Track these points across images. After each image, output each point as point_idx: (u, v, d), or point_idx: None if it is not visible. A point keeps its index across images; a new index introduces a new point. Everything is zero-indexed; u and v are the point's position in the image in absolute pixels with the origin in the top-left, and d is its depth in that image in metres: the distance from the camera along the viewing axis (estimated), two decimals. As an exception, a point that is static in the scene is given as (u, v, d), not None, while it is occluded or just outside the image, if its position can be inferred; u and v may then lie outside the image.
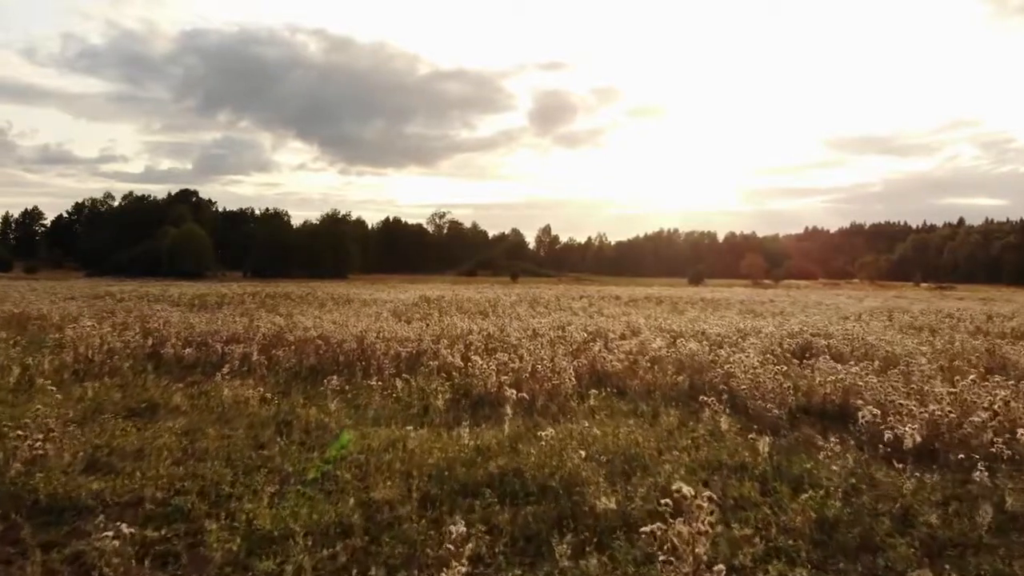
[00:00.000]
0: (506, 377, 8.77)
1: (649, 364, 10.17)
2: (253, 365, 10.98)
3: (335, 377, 10.02)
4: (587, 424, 6.98)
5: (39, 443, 5.71)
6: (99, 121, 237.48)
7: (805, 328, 16.08)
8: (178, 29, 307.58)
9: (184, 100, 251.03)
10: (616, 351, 11.47)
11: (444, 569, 3.65)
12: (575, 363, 10.47)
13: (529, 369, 9.61)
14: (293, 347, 12.11)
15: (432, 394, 8.58)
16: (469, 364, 9.59)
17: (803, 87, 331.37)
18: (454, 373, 9.73)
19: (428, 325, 14.66)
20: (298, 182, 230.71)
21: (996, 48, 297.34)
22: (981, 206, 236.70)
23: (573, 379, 9.03)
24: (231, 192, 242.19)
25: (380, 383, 9.00)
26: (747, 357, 10.54)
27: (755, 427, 7.33)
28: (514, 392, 7.43)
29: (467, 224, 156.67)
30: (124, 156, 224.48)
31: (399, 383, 8.95)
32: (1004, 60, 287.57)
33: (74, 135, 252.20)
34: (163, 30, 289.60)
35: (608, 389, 9.32)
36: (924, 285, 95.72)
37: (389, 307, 21.78)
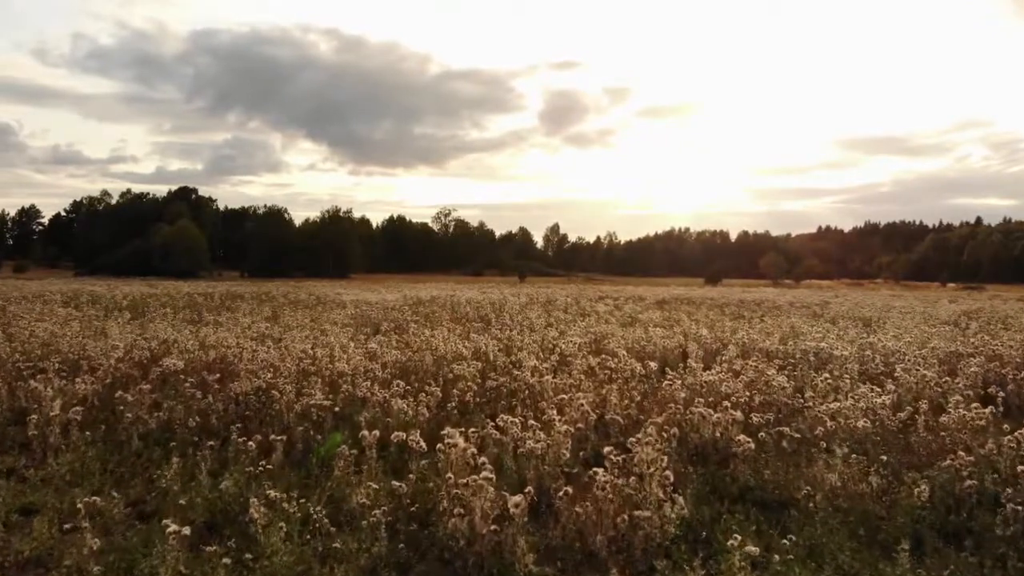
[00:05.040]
0: (518, 504, 3.59)
1: (816, 443, 4.97)
2: (53, 423, 5.93)
3: (174, 459, 4.97)
4: None
5: None
6: (109, 122, 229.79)
7: (958, 347, 10.88)
8: (188, 29, 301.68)
9: (194, 100, 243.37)
10: (709, 395, 6.35)
11: None
12: (650, 423, 5.37)
13: (566, 455, 4.50)
14: (151, 386, 7.00)
15: (343, 543, 3.46)
16: (442, 442, 4.43)
17: (814, 87, 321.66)
18: (407, 467, 4.59)
19: (388, 346, 9.41)
20: (308, 183, 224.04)
21: (1010, 48, 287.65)
22: (992, 206, 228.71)
23: (671, 492, 3.87)
24: (241, 192, 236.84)
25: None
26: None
27: None
28: None
29: (474, 223, 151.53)
30: (134, 157, 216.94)
31: (259, 511, 3.73)
32: (1017, 60, 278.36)
33: (84, 136, 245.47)
34: (173, 30, 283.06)
35: (740, 502, 4.21)
36: (951, 285, 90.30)
37: (358, 312, 16.64)
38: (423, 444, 4.51)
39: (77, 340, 10.21)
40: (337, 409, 6.05)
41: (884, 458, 4.71)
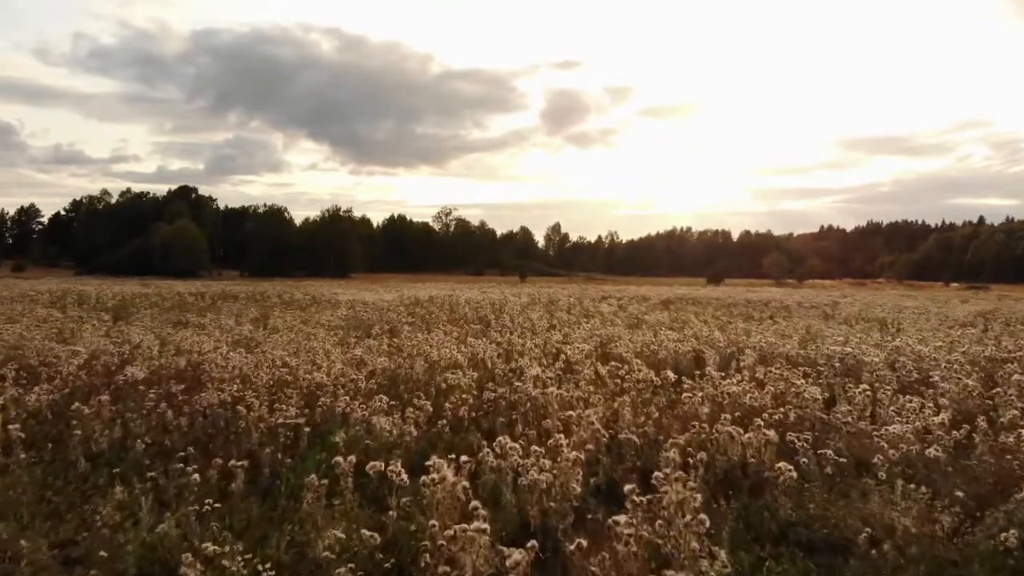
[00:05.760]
0: (518, 563, 2.86)
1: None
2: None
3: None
4: None
5: None
6: (111, 121, 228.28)
7: (991, 351, 10.12)
8: (190, 29, 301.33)
9: (195, 100, 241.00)
10: (735, 409, 5.62)
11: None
12: (670, 443, 4.68)
13: (576, 489, 3.77)
14: (111, 397, 6.26)
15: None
16: (428, 472, 3.68)
17: (814, 87, 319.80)
18: (388, 500, 3.86)
19: (378, 351, 8.66)
20: (309, 182, 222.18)
21: (1010, 48, 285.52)
22: (993, 206, 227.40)
23: (708, 542, 3.14)
24: (242, 192, 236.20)
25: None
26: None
27: None
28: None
29: (475, 223, 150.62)
30: (136, 156, 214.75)
31: (195, 569, 3.00)
32: (1018, 60, 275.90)
33: (86, 135, 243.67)
34: (175, 30, 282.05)
35: (783, 544, 3.48)
36: (955, 285, 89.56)
37: (352, 314, 15.89)
38: (404, 477, 3.76)
39: (45, 344, 9.51)
40: (308, 430, 5.29)
41: (960, 493, 3.95)
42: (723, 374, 7.34)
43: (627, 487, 3.31)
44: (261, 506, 4.38)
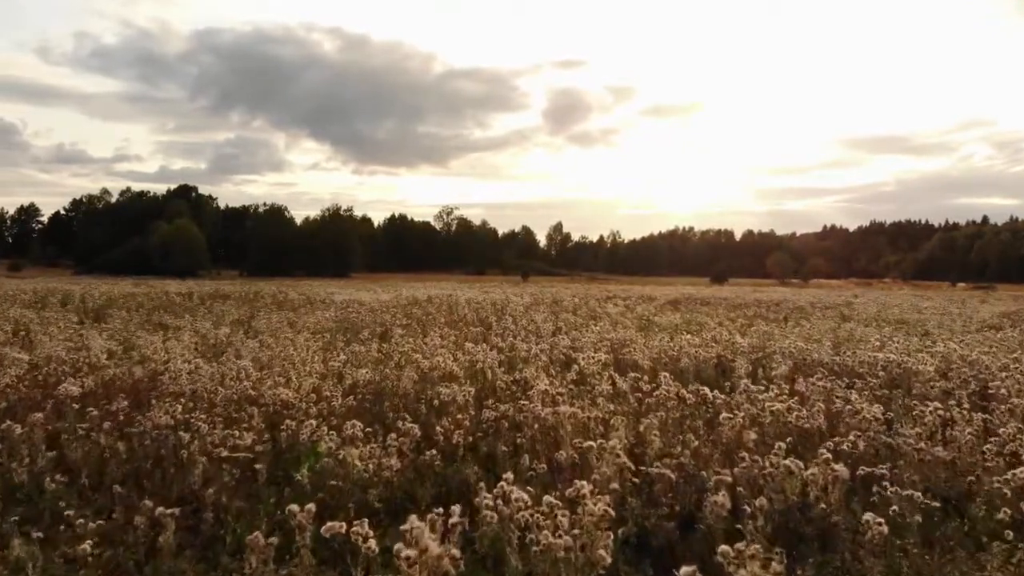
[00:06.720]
0: None
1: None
2: None
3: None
4: None
5: None
6: (113, 121, 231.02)
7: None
8: (192, 28, 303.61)
9: (198, 100, 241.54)
10: (784, 432, 4.65)
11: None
12: (715, 479, 3.73)
13: (605, 558, 2.81)
14: (45, 416, 5.30)
15: None
16: (405, 534, 2.73)
17: (817, 87, 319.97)
18: (354, 572, 2.89)
19: (365, 359, 7.68)
20: (311, 182, 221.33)
21: (1012, 47, 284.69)
22: (995, 206, 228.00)
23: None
24: (244, 192, 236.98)
25: None
26: None
27: None
28: None
29: (476, 222, 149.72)
30: (138, 156, 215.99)
31: None
32: (1020, 59, 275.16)
33: (88, 135, 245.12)
34: (177, 29, 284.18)
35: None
36: (961, 285, 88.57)
37: (342, 315, 14.92)
38: (373, 544, 2.79)
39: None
40: (259, 467, 4.31)
41: None
42: (759, 387, 6.35)
43: (684, 570, 2.34)
44: (197, 565, 3.42)
